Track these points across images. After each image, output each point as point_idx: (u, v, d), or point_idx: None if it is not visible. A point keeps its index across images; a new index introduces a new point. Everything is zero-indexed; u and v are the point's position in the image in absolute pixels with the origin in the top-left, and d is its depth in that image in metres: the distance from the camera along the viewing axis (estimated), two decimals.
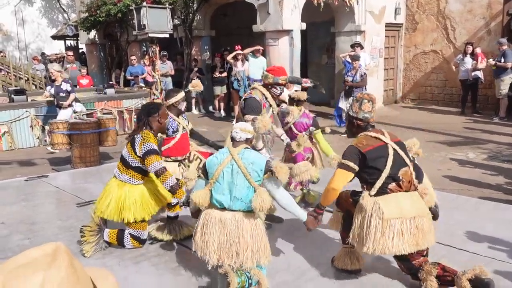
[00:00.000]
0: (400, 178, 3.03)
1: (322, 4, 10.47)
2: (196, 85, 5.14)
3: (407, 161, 3.10)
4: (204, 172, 3.17)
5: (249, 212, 3.02)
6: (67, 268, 0.86)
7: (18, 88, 10.32)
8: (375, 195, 3.02)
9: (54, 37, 20.99)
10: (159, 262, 3.63)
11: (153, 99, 10.30)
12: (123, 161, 3.77)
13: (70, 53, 13.15)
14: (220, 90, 11.88)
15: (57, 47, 21.11)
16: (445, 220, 4.18)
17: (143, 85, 11.54)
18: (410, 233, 2.93)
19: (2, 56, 14.61)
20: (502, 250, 3.67)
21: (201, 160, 4.64)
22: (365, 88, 8.91)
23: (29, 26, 22.21)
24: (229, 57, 10.61)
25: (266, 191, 2.99)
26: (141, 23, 9.45)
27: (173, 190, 3.63)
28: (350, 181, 3.14)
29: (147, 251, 3.82)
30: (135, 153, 3.64)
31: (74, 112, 8.15)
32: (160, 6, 10.16)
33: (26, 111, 8.61)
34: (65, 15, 23.13)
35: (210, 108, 12.59)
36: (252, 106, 4.15)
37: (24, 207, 5.06)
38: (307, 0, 10.45)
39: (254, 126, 3.54)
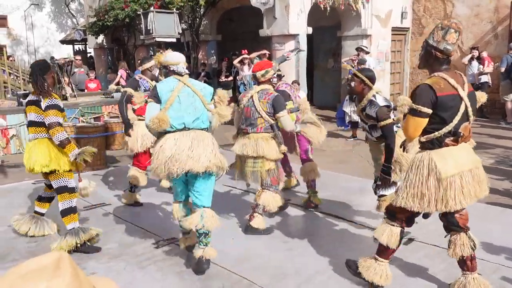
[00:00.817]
0: (461, 133, 2.84)
1: (328, 8, 10.48)
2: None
3: (471, 116, 2.88)
4: (156, 98, 3.42)
5: (205, 129, 3.48)
6: (70, 277, 0.87)
7: (27, 92, 10.41)
8: (429, 144, 2.85)
9: (63, 42, 21.18)
10: (164, 266, 3.64)
11: None
12: (32, 124, 3.92)
13: (78, 57, 13.25)
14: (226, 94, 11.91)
15: (66, 51, 21.28)
16: (440, 222, 4.16)
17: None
18: (469, 185, 2.84)
19: (11, 60, 14.75)
20: (510, 256, 3.65)
21: None
22: None
23: (38, 31, 22.43)
24: (236, 61, 10.64)
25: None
26: (148, 27, 9.53)
27: (62, 145, 3.81)
28: None
29: (152, 255, 3.84)
30: (42, 109, 3.86)
31: None
32: (168, 11, 10.26)
33: None
34: (74, 20, 23.33)
35: None
36: (282, 102, 4.31)
37: (31, 210, 5.09)
38: (313, 5, 10.47)
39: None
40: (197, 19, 12.20)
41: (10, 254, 3.92)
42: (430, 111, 2.76)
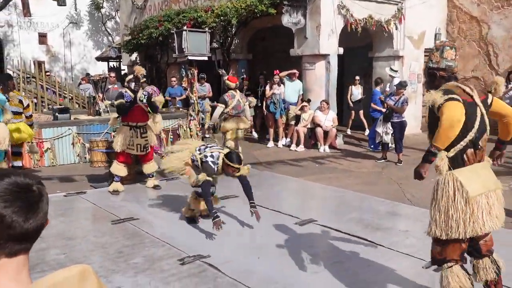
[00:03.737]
0: (480, 146, 2.77)
1: (359, 29, 10.46)
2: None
3: (487, 125, 2.83)
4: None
5: None
6: None
7: (62, 106, 10.75)
8: (451, 163, 2.73)
9: (98, 59, 21.87)
10: (190, 283, 3.63)
11: (190, 120, 10.50)
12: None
13: (113, 74, 13.60)
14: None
15: (101, 68, 21.95)
16: None
17: (180, 106, 11.77)
18: (494, 207, 2.71)
19: (48, 76, 15.30)
20: None
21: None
22: (403, 116, 8.75)
23: (76, 48, 23.26)
24: (283, 74, 10.68)
25: None
26: (181, 46, 9.73)
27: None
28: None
29: (178, 272, 3.83)
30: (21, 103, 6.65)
31: None
32: (200, 30, 10.45)
33: (69, 128, 8.93)
34: (110, 38, 24.11)
35: None
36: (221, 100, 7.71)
37: (61, 222, 5.19)
38: (345, 25, 10.48)
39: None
40: (229, 38, 12.39)
41: (39, 265, 3.98)
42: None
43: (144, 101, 6.54)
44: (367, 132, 11.30)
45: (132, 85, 6.51)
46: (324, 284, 3.60)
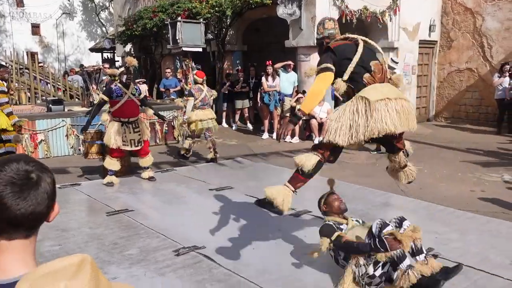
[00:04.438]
0: (372, 68, 3.32)
1: (354, 20, 10.44)
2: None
3: (379, 57, 3.48)
4: None
5: None
6: (89, 281, 0.88)
7: (56, 98, 10.69)
8: (355, 88, 3.29)
9: (92, 50, 21.73)
10: (184, 274, 3.65)
11: (184, 112, 10.48)
12: None
13: (107, 65, 13.54)
14: (241, 104, 12.02)
15: (95, 59, 21.82)
16: (478, 244, 4.05)
17: (175, 97, 11.74)
18: (397, 111, 3.18)
19: (41, 67, 15.19)
20: None
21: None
22: None
23: (69, 39, 23.09)
24: (278, 66, 10.69)
25: None
26: (176, 37, 9.68)
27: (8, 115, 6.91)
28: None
29: (173, 263, 3.85)
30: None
31: None
32: (195, 21, 10.40)
33: (63, 120, 8.89)
34: (104, 28, 23.94)
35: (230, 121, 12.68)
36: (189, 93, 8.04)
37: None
38: (340, 16, 10.45)
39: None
40: (223, 29, 12.33)
41: None
42: (333, 66, 3.26)
43: (136, 94, 6.49)
44: None
45: (124, 78, 6.40)
46: (319, 274, 3.63)
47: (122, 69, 6.50)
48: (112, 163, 6.49)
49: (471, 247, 4.10)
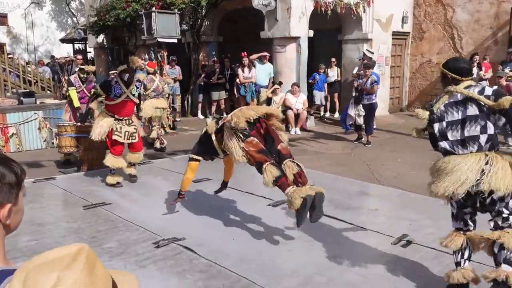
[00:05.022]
0: None
1: (329, 12, 10.52)
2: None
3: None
4: None
5: None
6: (82, 270, 0.89)
7: (27, 90, 10.43)
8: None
9: (63, 40, 21.20)
10: (165, 265, 3.66)
11: None
12: None
13: (80, 56, 13.23)
14: (218, 96, 12.01)
15: (66, 51, 21.30)
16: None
17: None
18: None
19: (10, 58, 14.76)
20: None
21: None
22: (373, 98, 8.93)
23: (38, 29, 22.45)
24: (253, 57, 10.70)
25: None
26: (150, 28, 9.55)
27: None
28: None
29: (153, 255, 3.85)
30: None
31: None
32: (169, 11, 10.27)
33: (35, 113, 8.69)
34: (74, 19, 23.37)
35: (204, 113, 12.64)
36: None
37: (31, 209, 5.10)
38: (315, 8, 10.51)
39: None
40: (199, 20, 12.23)
41: (10, 252, 3.92)
42: None
43: (136, 94, 6.09)
44: (336, 114, 11.52)
45: (126, 76, 5.91)
46: (299, 262, 3.71)
47: (125, 67, 5.97)
48: (116, 161, 5.96)
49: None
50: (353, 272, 3.49)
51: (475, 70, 10.73)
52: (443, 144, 3.03)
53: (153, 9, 10.13)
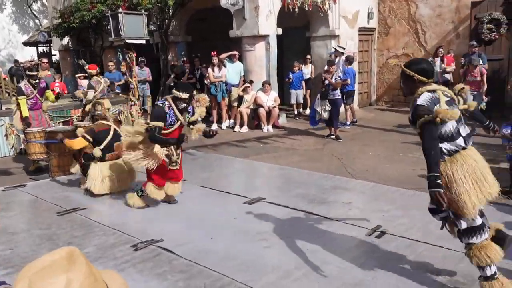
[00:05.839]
0: None
1: (296, 9, 10.63)
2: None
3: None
4: None
5: None
6: (86, 270, 0.93)
7: None
8: None
9: (26, 44, 20.59)
10: (145, 268, 3.66)
11: (130, 106, 10.26)
12: None
13: (45, 60, 12.94)
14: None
15: (29, 54, 20.70)
16: (422, 218, 4.35)
17: (119, 91, 11.46)
18: None
19: None
20: None
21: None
22: (338, 94, 9.16)
23: None
24: (223, 56, 10.68)
25: None
26: (117, 29, 9.42)
27: None
28: None
29: (132, 258, 3.84)
30: None
31: None
32: (136, 12, 10.15)
33: (1, 119, 8.45)
34: (37, 21, 22.73)
35: None
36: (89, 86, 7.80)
37: (2, 217, 4.98)
38: (282, 6, 10.60)
39: None
40: (166, 20, 12.14)
41: None
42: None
43: (188, 119, 5.19)
44: (308, 111, 11.66)
45: (182, 105, 4.94)
46: (278, 257, 3.77)
47: (186, 95, 4.85)
48: (156, 193, 5.11)
49: (415, 222, 4.40)
50: (331, 264, 3.58)
51: (438, 63, 11.09)
52: (460, 141, 2.91)
53: (120, 10, 9.99)
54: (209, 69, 10.82)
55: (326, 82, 9.11)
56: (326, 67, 10.50)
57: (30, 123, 7.13)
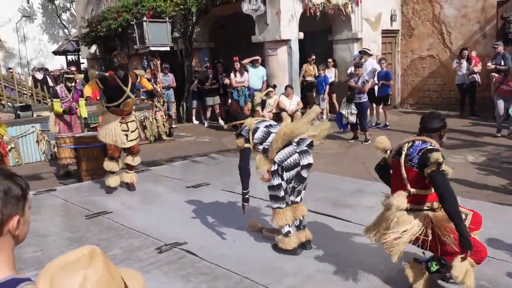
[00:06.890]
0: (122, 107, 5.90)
1: (318, 13, 10.65)
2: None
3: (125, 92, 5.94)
4: None
5: None
6: (103, 268, 0.99)
7: (24, 104, 10.49)
8: None
9: (56, 53, 21.25)
10: (169, 270, 3.75)
11: (156, 111, 10.48)
12: None
13: (73, 68, 13.34)
14: (212, 101, 12.07)
15: (59, 63, 21.36)
16: None
17: (145, 97, 11.70)
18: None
19: (11, 73, 14.80)
20: (501, 249, 3.79)
21: None
22: (365, 97, 9.10)
23: (31, 43, 22.49)
24: (246, 61, 10.80)
25: None
26: (142, 37, 9.65)
27: None
28: None
29: (157, 260, 3.95)
30: None
31: None
32: (160, 20, 10.38)
33: (32, 126, 8.76)
34: (66, 30, 23.43)
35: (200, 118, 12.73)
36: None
37: (34, 221, 5.17)
38: (304, 10, 10.65)
39: None
40: (190, 27, 12.34)
41: (16, 264, 4.00)
42: None
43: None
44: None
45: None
46: (300, 261, 3.81)
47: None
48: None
49: None
50: (353, 268, 3.58)
51: (464, 64, 10.90)
52: None
53: (144, 18, 10.23)
54: (231, 74, 10.94)
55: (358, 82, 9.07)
56: (351, 69, 10.43)
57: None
